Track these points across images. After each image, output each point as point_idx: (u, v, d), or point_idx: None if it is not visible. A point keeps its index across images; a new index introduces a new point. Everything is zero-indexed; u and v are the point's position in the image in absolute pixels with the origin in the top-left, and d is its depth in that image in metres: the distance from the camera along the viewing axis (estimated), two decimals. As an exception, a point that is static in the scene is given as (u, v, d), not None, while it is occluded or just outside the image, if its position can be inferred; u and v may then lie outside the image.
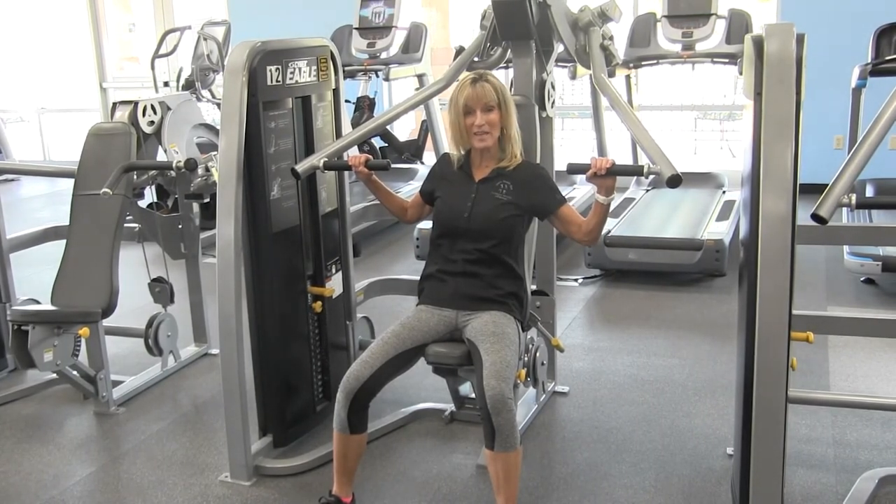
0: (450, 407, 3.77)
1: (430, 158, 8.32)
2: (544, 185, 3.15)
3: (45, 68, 12.21)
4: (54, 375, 4.03)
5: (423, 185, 3.37)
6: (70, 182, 4.19)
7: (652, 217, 6.59)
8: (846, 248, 5.37)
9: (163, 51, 8.27)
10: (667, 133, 11.18)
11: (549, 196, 3.14)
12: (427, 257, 3.29)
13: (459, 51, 3.82)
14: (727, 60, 6.66)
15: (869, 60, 5.76)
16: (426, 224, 5.30)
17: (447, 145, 5.12)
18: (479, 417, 2.80)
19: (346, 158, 3.35)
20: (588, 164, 2.84)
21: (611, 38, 3.80)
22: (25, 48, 12.32)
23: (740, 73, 5.64)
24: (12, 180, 10.10)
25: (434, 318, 3.11)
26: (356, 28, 7.66)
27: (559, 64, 4.81)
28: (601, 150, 7.60)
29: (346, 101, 4.65)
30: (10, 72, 12.58)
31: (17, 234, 4.68)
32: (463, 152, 3.18)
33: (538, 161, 3.47)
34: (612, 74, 3.78)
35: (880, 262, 5.15)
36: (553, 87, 3.70)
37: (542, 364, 3.74)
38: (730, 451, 3.33)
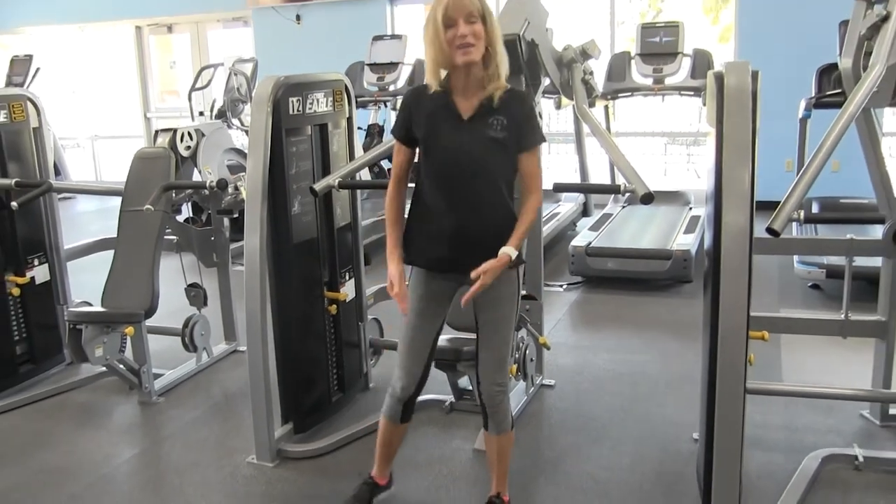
0: (449, 398, 3.75)
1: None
2: (530, 119, 2.54)
3: (97, 101, 12.24)
4: (104, 369, 4.01)
5: (395, 127, 2.66)
6: (118, 199, 4.19)
7: (627, 230, 6.58)
8: (796, 258, 5.38)
9: (199, 84, 8.30)
10: (640, 156, 11.16)
11: (530, 132, 2.54)
12: (412, 203, 2.66)
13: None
14: (692, 93, 6.68)
15: (813, 94, 5.79)
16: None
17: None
18: (477, 405, 2.76)
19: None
20: (576, 183, 2.70)
21: (591, 73, 3.81)
22: (81, 83, 12.34)
23: (704, 104, 5.65)
24: (69, 198, 10.11)
25: (436, 299, 2.66)
26: (367, 64, 7.67)
27: (546, 95, 4.82)
28: (583, 171, 7.62)
29: (359, 128, 4.65)
30: (68, 104, 12.61)
31: (73, 244, 4.68)
32: (442, 78, 2.51)
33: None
34: (592, 105, 3.78)
35: (825, 270, 5.16)
36: (541, 116, 3.69)
37: (531, 360, 3.73)
38: (695, 435, 3.30)
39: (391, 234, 2.64)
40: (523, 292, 3.56)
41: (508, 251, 2.46)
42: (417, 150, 2.63)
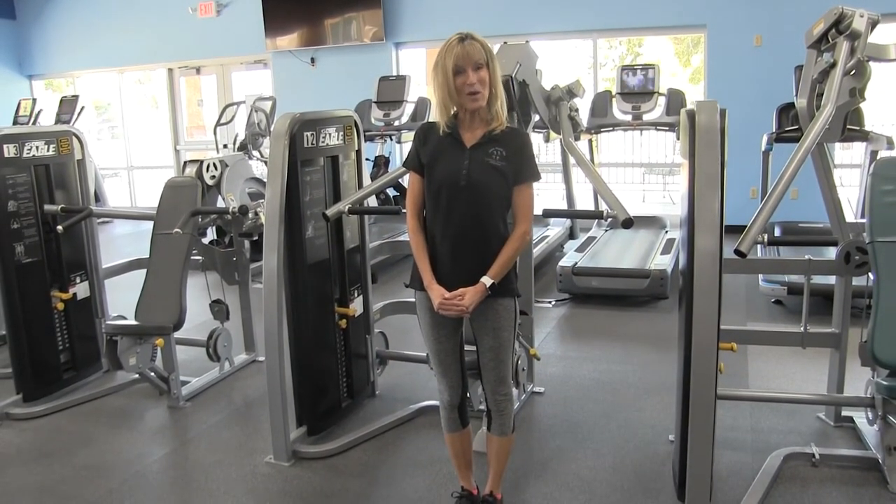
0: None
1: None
2: (527, 156, 2.49)
3: (134, 135, 12.30)
4: (137, 376, 4.01)
5: (408, 160, 2.59)
6: (150, 224, 4.19)
7: (610, 252, 6.58)
8: (760, 277, 5.37)
9: (223, 120, 8.31)
10: (621, 185, 11.19)
11: (527, 167, 2.47)
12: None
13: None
14: (667, 128, 6.71)
15: (773, 130, 5.83)
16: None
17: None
18: (476, 410, 2.73)
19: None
20: (564, 209, 2.66)
21: (576, 110, 3.83)
22: (120, 120, 12.40)
23: (678, 139, 5.68)
24: (108, 222, 10.12)
25: (445, 319, 2.52)
26: (375, 102, 7.71)
27: (536, 130, 4.83)
28: (570, 199, 7.63)
29: (367, 159, 4.66)
30: (108, 138, 12.66)
31: (110, 264, 4.68)
32: (451, 116, 2.47)
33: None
34: (577, 138, 3.80)
35: (786, 287, 5.17)
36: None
37: (523, 370, 3.71)
38: (671, 437, 3.29)
39: (424, 268, 2.49)
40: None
41: (485, 280, 2.42)
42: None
